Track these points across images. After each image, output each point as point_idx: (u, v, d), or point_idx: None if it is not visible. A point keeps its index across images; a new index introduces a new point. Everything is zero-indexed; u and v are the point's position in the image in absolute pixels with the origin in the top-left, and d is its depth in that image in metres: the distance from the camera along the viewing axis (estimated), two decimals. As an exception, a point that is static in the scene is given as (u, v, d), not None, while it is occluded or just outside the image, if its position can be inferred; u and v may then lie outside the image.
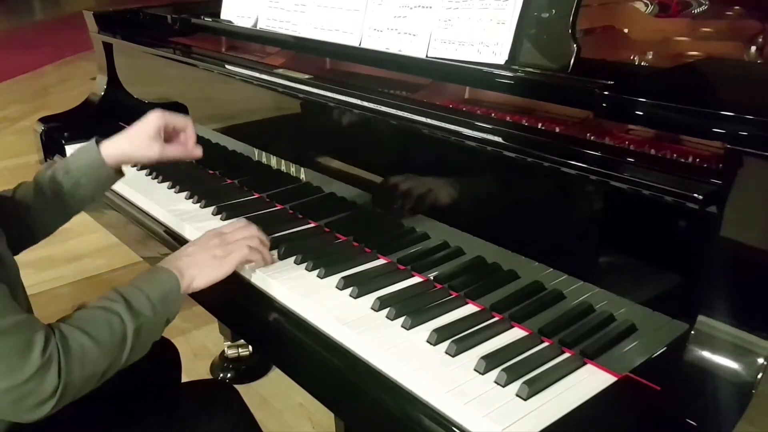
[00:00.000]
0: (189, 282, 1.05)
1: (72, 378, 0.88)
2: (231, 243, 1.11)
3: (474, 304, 1.01)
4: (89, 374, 0.91)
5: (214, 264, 1.08)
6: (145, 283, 1.01)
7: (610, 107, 0.89)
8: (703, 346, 0.75)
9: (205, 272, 1.07)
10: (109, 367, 0.93)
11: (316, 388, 1.01)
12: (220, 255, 1.09)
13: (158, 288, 1.01)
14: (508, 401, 0.81)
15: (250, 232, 1.15)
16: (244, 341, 2.17)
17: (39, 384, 0.85)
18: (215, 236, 1.13)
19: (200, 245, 1.11)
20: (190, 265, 1.07)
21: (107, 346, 0.92)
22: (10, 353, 0.84)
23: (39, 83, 5.67)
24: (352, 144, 1.25)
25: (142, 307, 0.97)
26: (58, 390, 0.86)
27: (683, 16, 1.52)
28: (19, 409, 0.86)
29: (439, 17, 1.16)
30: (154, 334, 1.00)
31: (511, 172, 1.00)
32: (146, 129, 1.24)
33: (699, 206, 0.77)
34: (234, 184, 1.53)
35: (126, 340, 0.94)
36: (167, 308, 1.01)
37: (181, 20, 1.84)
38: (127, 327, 0.94)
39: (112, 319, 0.94)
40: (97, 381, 0.93)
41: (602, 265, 0.94)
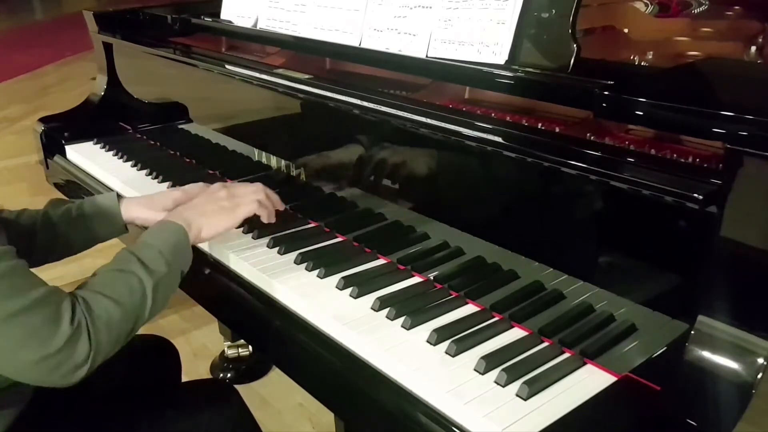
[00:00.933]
0: (197, 232, 1.07)
1: (101, 341, 0.90)
2: (238, 196, 1.13)
3: (474, 304, 1.01)
4: (116, 335, 0.93)
5: (222, 214, 1.10)
6: (154, 238, 1.03)
7: (610, 107, 0.89)
8: (703, 346, 0.75)
9: (213, 222, 1.09)
10: (134, 325, 0.96)
11: (316, 388, 1.01)
12: (227, 206, 1.11)
13: (168, 241, 1.02)
14: (508, 401, 0.81)
15: (258, 187, 1.16)
16: (244, 341, 2.17)
17: (72, 352, 0.87)
18: (222, 188, 1.14)
19: (207, 196, 1.13)
20: (197, 215, 1.08)
21: (129, 306, 0.94)
22: (41, 325, 0.86)
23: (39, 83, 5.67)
24: (351, 144, 1.25)
25: (156, 262, 0.99)
26: (90, 355, 0.89)
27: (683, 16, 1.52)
28: (55, 376, 0.88)
29: (439, 17, 1.16)
30: (172, 288, 1.02)
31: (511, 172, 1.00)
32: (165, 202, 1.27)
33: (699, 206, 0.77)
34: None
35: (146, 297, 0.96)
36: (180, 260, 1.03)
37: (181, 20, 1.84)
38: (146, 285, 0.96)
39: (130, 280, 0.96)
40: (124, 341, 0.96)
41: (602, 265, 0.94)
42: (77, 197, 1.75)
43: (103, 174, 1.67)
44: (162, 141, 1.84)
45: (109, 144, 1.83)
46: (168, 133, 1.84)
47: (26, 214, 1.21)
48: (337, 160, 1.29)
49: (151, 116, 1.93)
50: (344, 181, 1.28)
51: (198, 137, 1.72)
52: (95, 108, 2.01)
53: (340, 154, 1.28)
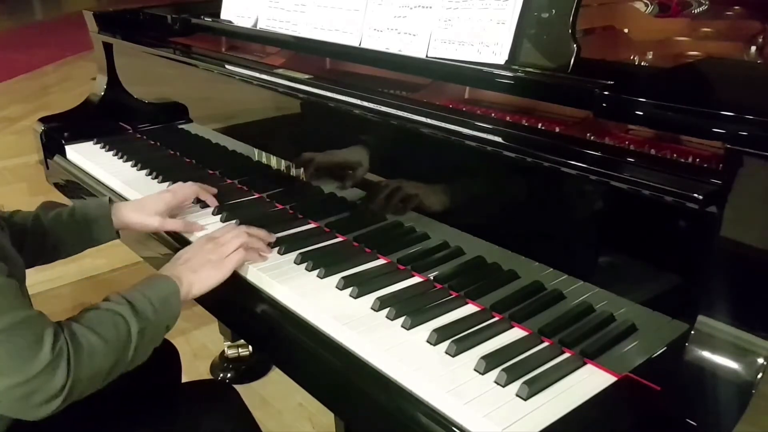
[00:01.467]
0: (188, 289, 1.06)
1: (80, 375, 0.88)
2: (224, 245, 1.12)
3: (474, 304, 1.01)
4: (96, 372, 0.91)
5: (211, 268, 1.09)
6: (146, 288, 1.02)
7: (610, 107, 0.89)
8: (703, 346, 0.75)
9: (203, 278, 1.08)
10: (114, 366, 0.94)
11: (316, 388, 1.01)
12: (215, 259, 1.10)
13: (159, 292, 1.02)
14: (508, 401, 0.81)
15: (240, 230, 1.16)
16: (244, 341, 2.17)
17: (48, 380, 0.85)
18: (208, 241, 1.13)
19: (194, 252, 1.12)
20: (187, 271, 1.08)
21: (113, 344, 0.93)
22: (21, 349, 0.84)
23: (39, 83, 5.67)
24: (351, 144, 1.25)
25: (145, 309, 0.98)
26: (66, 387, 0.87)
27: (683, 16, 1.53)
28: (26, 405, 0.86)
29: (439, 17, 1.16)
30: (156, 338, 1.01)
31: (511, 172, 1.00)
32: (156, 206, 1.28)
33: (699, 206, 0.77)
34: (234, 184, 1.53)
35: (131, 340, 0.95)
36: (168, 313, 1.02)
37: (181, 20, 1.84)
38: (132, 327, 0.95)
39: (117, 320, 0.95)
40: (102, 381, 0.94)
41: (602, 265, 0.94)
42: (77, 197, 1.76)
43: (103, 174, 1.67)
44: (162, 141, 1.84)
45: (109, 144, 1.83)
46: (168, 133, 1.84)
47: (19, 216, 1.21)
48: (337, 160, 1.29)
49: (151, 116, 1.93)
50: (344, 181, 1.28)
51: (198, 137, 1.72)
52: (95, 108, 2.01)
53: (339, 154, 1.28)
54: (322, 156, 1.32)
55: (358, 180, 1.24)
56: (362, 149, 1.23)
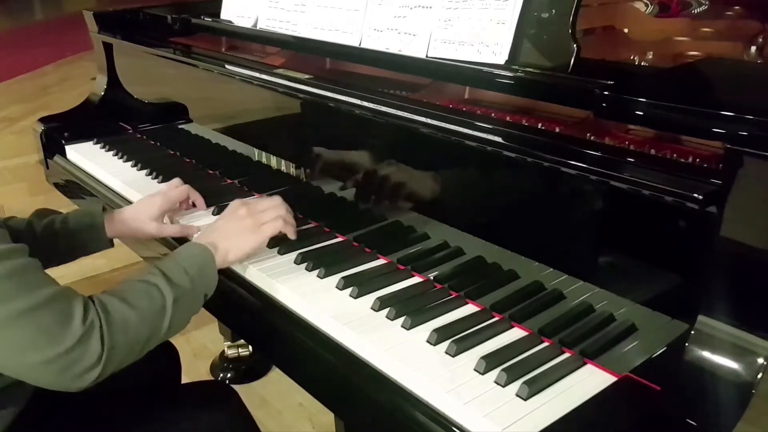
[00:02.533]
0: (223, 256, 1.06)
1: (115, 345, 0.89)
2: (260, 212, 1.11)
3: (474, 304, 1.01)
4: (132, 342, 0.92)
5: (247, 236, 1.09)
6: (180, 257, 1.02)
7: (610, 107, 0.89)
8: (703, 346, 0.75)
9: (239, 245, 1.08)
10: (150, 336, 0.95)
11: (316, 388, 1.01)
12: (251, 225, 1.10)
13: (194, 261, 1.02)
14: (508, 401, 0.81)
15: (278, 200, 1.15)
16: (244, 341, 2.17)
17: (83, 352, 0.86)
18: (242, 206, 1.12)
19: (229, 218, 1.11)
20: (223, 238, 1.08)
21: (147, 314, 0.94)
22: (52, 323, 0.85)
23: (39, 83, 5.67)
24: (352, 144, 1.25)
25: (180, 278, 0.98)
26: (103, 357, 0.87)
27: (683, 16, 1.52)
28: (65, 377, 0.87)
29: (439, 17, 1.16)
30: (193, 307, 1.01)
31: (511, 172, 1.00)
32: (149, 210, 1.28)
33: (699, 206, 0.77)
34: (234, 184, 1.53)
35: (165, 309, 0.95)
36: (204, 281, 1.02)
37: (181, 20, 1.84)
38: (166, 297, 0.95)
39: (150, 290, 0.96)
40: (140, 351, 0.95)
41: (602, 265, 0.94)
42: (77, 197, 1.76)
43: (103, 174, 1.67)
44: (162, 141, 1.85)
45: (109, 144, 1.83)
46: (168, 133, 1.84)
47: (13, 222, 1.21)
48: (337, 160, 1.29)
49: (151, 116, 1.93)
50: (344, 182, 1.28)
51: (198, 137, 1.72)
52: (95, 108, 2.01)
53: (340, 154, 1.28)
54: (322, 156, 1.32)
55: (358, 180, 1.24)
56: (362, 149, 1.23)
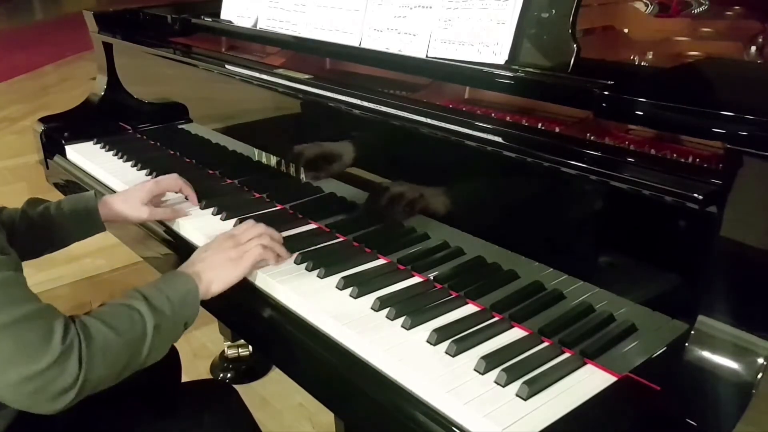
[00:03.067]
0: (207, 286, 1.06)
1: (93, 367, 0.88)
2: (244, 243, 1.12)
3: (474, 304, 1.01)
4: (110, 365, 0.91)
5: (230, 266, 1.09)
6: (163, 284, 1.02)
7: (610, 107, 0.89)
8: (703, 346, 0.75)
9: (222, 275, 1.08)
10: (129, 361, 0.94)
11: (316, 388, 1.01)
12: (234, 257, 1.10)
13: (177, 289, 1.02)
14: (508, 401, 0.81)
15: (260, 230, 1.15)
16: (244, 341, 2.17)
17: (60, 372, 0.85)
18: (227, 239, 1.13)
19: (214, 249, 1.11)
20: (206, 269, 1.07)
21: (127, 338, 0.93)
22: (31, 340, 0.84)
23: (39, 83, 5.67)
24: (351, 144, 1.25)
25: (162, 305, 0.98)
26: (79, 379, 0.87)
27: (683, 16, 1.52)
28: (40, 398, 0.86)
29: (439, 17, 1.16)
30: (173, 335, 1.01)
31: (511, 172, 1.00)
32: (141, 195, 1.32)
33: (699, 206, 0.77)
34: (234, 184, 1.53)
35: (146, 335, 0.95)
36: (186, 310, 1.01)
37: (181, 20, 1.84)
38: (147, 322, 0.95)
39: (132, 314, 0.95)
40: (118, 375, 0.94)
41: (602, 265, 0.94)
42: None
43: (103, 174, 1.67)
44: (162, 141, 1.84)
45: (109, 144, 1.83)
46: (168, 133, 1.84)
47: (5, 213, 1.22)
48: (337, 160, 1.29)
49: (151, 116, 1.93)
50: (344, 181, 1.28)
51: (198, 137, 1.72)
52: (95, 108, 2.01)
53: (340, 154, 1.28)
54: (322, 156, 1.32)
55: (358, 180, 1.24)
56: (362, 149, 1.23)
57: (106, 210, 1.29)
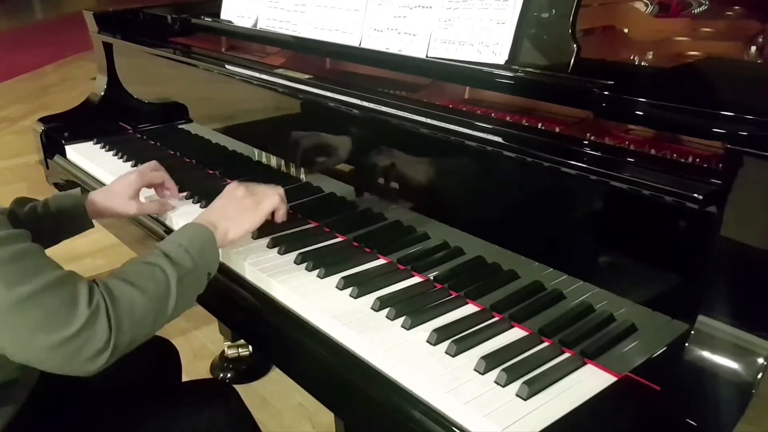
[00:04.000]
0: (223, 234, 1.08)
1: (122, 326, 0.89)
2: (258, 193, 1.14)
3: (474, 304, 1.01)
4: (138, 323, 0.92)
5: (245, 214, 1.11)
6: (181, 237, 1.03)
7: (610, 107, 0.89)
8: (703, 346, 0.75)
9: (238, 223, 1.10)
10: (156, 317, 0.95)
11: (316, 388, 1.01)
12: (249, 204, 1.12)
13: (195, 241, 1.03)
14: (508, 401, 0.81)
15: (272, 185, 1.18)
16: (244, 341, 2.17)
17: (91, 334, 0.86)
18: (239, 187, 1.15)
19: (227, 198, 1.13)
20: (222, 218, 1.09)
21: (152, 294, 0.94)
22: (58, 306, 0.85)
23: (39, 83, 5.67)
24: (352, 144, 1.25)
25: (182, 258, 0.99)
26: (111, 339, 0.88)
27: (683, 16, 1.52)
28: (75, 361, 0.87)
29: (439, 17, 1.16)
30: (197, 287, 1.02)
31: (511, 172, 1.00)
32: (126, 190, 1.32)
33: (699, 206, 0.77)
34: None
35: (170, 289, 0.96)
36: (206, 260, 1.03)
37: (181, 20, 1.84)
38: (170, 277, 0.96)
39: (154, 270, 0.96)
40: (148, 333, 0.95)
41: (602, 265, 0.94)
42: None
43: (103, 174, 1.67)
44: (162, 141, 1.84)
45: (109, 144, 1.83)
46: (168, 133, 1.84)
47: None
48: (337, 160, 1.29)
49: (151, 116, 1.93)
50: (344, 181, 1.28)
51: (198, 137, 1.72)
52: (95, 108, 2.01)
53: (340, 154, 1.28)
54: (322, 156, 1.32)
55: (358, 180, 1.24)
56: (362, 149, 1.23)
57: (92, 206, 1.29)
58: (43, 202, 1.26)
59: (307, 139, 1.36)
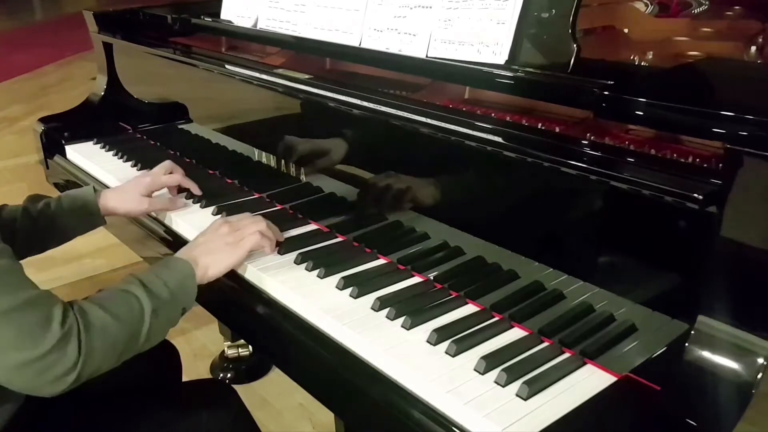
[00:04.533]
0: (204, 271, 1.07)
1: (92, 351, 0.89)
2: (240, 230, 1.13)
3: (474, 304, 1.01)
4: (108, 349, 0.92)
5: (227, 251, 1.10)
6: (160, 269, 1.03)
7: (610, 107, 0.89)
8: (703, 346, 0.75)
9: (219, 260, 1.09)
10: (127, 346, 0.95)
11: (316, 387, 1.01)
12: (231, 242, 1.11)
13: (174, 275, 1.02)
14: (508, 401, 0.81)
15: (257, 217, 1.17)
16: (244, 341, 2.17)
17: (60, 356, 0.86)
18: (224, 224, 1.14)
19: (210, 234, 1.13)
20: (204, 253, 1.09)
21: (125, 321, 0.94)
22: (31, 325, 0.85)
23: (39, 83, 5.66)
24: (351, 144, 1.25)
25: (159, 290, 0.99)
26: (79, 362, 0.88)
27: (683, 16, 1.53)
28: (41, 381, 0.87)
29: (439, 17, 1.16)
30: (171, 320, 1.02)
31: (511, 172, 1.00)
32: (139, 188, 1.34)
33: (699, 206, 0.77)
34: (234, 184, 1.53)
35: (144, 318, 0.95)
36: (183, 295, 1.02)
37: (181, 20, 1.84)
38: (145, 307, 0.96)
39: (129, 299, 0.96)
40: (117, 359, 0.95)
41: (602, 265, 0.94)
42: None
43: (103, 174, 1.67)
44: (162, 141, 1.85)
45: (109, 144, 1.83)
46: (168, 133, 1.84)
47: (6, 210, 1.23)
48: (337, 160, 1.29)
49: (151, 116, 1.93)
50: (344, 181, 1.27)
51: (198, 137, 1.72)
52: (95, 108, 2.01)
53: (340, 154, 1.28)
54: (322, 156, 1.32)
55: (358, 180, 1.24)
56: (362, 149, 1.23)
57: (104, 204, 1.30)
58: (56, 200, 1.27)
59: (307, 139, 1.36)
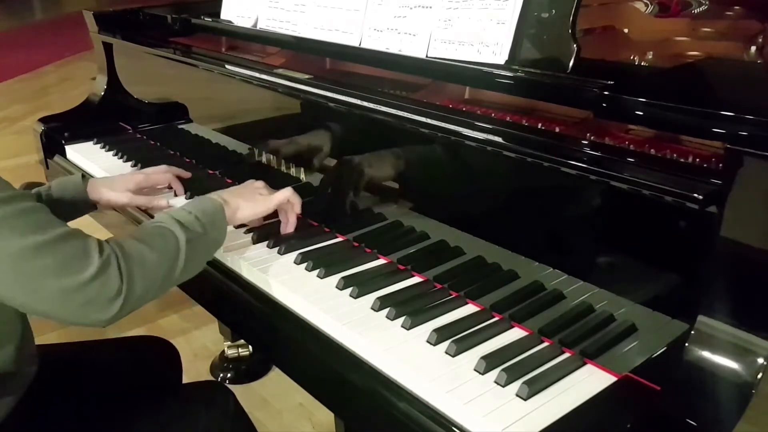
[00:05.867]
0: (234, 210, 1.11)
1: (133, 279, 0.91)
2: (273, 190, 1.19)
3: (474, 304, 1.01)
4: (149, 277, 0.94)
5: (258, 200, 1.16)
6: (192, 206, 1.06)
7: (610, 107, 0.89)
8: (703, 346, 0.75)
9: (249, 206, 1.14)
10: (166, 275, 0.97)
11: (316, 388, 1.01)
12: (263, 194, 1.17)
13: (205, 210, 1.06)
14: (508, 401, 0.81)
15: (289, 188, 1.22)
16: (244, 341, 2.17)
17: (104, 282, 0.88)
18: (258, 181, 1.21)
19: (244, 186, 1.20)
20: (235, 196, 1.14)
21: (162, 252, 0.97)
22: (70, 255, 0.87)
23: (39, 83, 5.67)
24: (352, 144, 1.25)
25: (192, 224, 1.02)
26: (123, 290, 0.90)
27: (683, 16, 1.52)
28: (88, 309, 0.89)
29: (439, 17, 1.16)
30: (206, 253, 1.06)
31: (511, 172, 1.00)
32: (127, 183, 1.37)
33: (699, 206, 0.77)
34: (234, 184, 1.53)
35: (180, 249, 0.98)
36: (214, 230, 1.06)
37: (181, 20, 1.84)
38: (179, 238, 0.99)
39: (164, 231, 0.99)
40: (157, 290, 0.97)
41: (602, 265, 0.94)
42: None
43: (103, 174, 1.66)
44: (162, 141, 1.84)
45: (109, 144, 1.83)
46: (168, 133, 1.84)
47: None
48: (337, 160, 1.29)
49: (151, 116, 1.93)
50: (344, 181, 1.27)
51: (198, 137, 1.72)
52: (95, 108, 2.01)
53: (340, 154, 1.28)
54: (322, 156, 1.32)
55: (358, 180, 1.24)
56: (362, 149, 1.23)
57: (92, 192, 1.32)
58: (46, 188, 1.29)
59: (307, 139, 1.36)
